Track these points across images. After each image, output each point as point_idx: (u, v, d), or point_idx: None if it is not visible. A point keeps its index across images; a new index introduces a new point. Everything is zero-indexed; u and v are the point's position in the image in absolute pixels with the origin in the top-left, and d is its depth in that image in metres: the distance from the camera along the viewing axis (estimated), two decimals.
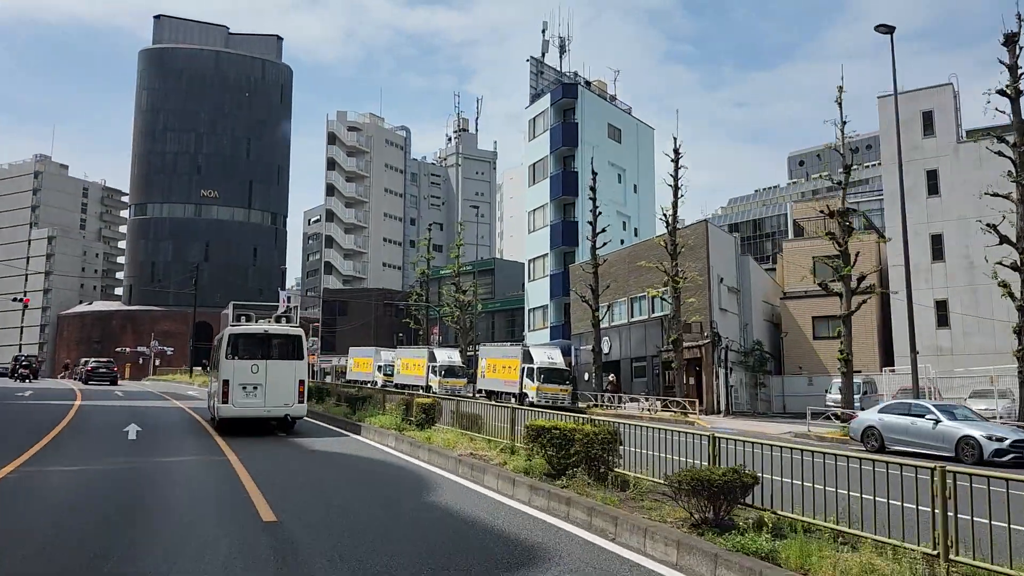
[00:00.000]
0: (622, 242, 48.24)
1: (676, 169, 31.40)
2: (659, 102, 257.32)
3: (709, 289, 33.02)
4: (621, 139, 50.06)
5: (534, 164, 49.07)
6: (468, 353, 48.61)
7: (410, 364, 48.02)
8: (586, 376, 38.40)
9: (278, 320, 20.61)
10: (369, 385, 53.95)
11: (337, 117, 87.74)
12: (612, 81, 52.58)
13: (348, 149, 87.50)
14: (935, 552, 5.97)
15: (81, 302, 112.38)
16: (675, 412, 30.56)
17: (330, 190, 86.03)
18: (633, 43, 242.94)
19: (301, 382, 18.20)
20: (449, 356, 46.09)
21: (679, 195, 31.33)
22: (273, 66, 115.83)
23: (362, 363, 55.19)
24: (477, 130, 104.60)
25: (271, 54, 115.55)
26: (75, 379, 50.39)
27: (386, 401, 19.66)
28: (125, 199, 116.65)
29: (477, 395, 41.74)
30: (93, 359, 44.80)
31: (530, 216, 49.03)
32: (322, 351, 75.41)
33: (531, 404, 35.32)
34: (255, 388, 17.70)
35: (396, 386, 49.70)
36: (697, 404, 31.12)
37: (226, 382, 17.67)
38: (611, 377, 40.34)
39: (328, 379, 77.97)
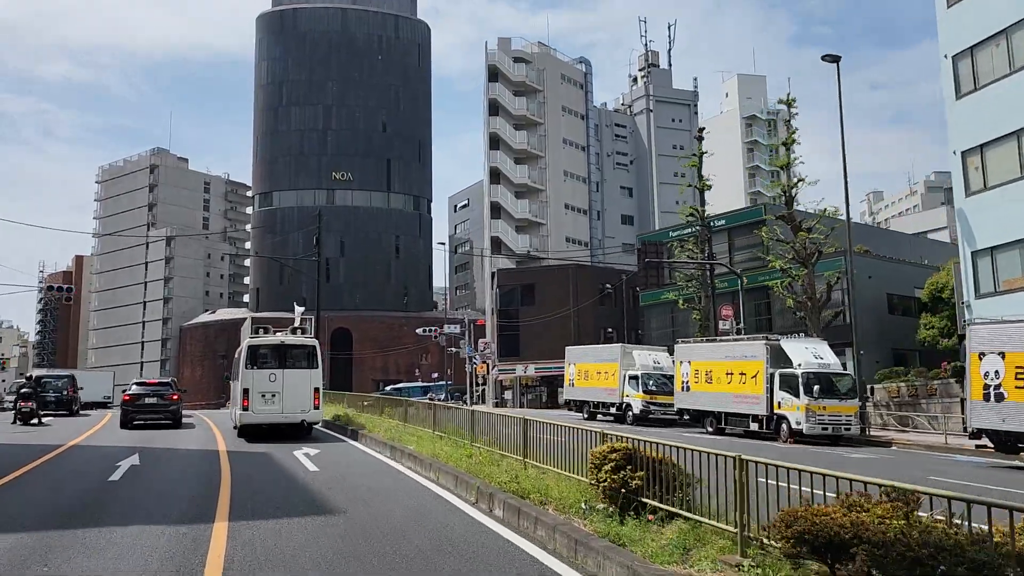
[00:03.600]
0: None
1: None
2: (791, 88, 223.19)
3: None
4: None
5: None
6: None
7: (720, 372, 24.82)
8: None
9: (294, 332, 20.41)
10: (614, 410, 31.28)
11: (499, 46, 66.12)
12: None
13: (515, 87, 65.70)
14: None
15: (206, 311, 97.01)
16: None
17: (494, 142, 64.45)
18: (763, 27, 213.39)
19: (316, 390, 18.97)
20: (815, 352, 22.70)
21: None
22: (407, 23, 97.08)
23: (594, 372, 32.50)
24: (670, 65, 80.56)
25: (404, 11, 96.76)
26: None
27: None
28: (251, 194, 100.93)
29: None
30: (136, 382, 24.45)
31: (953, 66, 24.07)
32: (500, 356, 53.60)
33: None
34: (273, 396, 18.58)
35: (690, 416, 26.68)
36: None
37: (246, 391, 18.59)
38: None
39: (507, 395, 56.04)
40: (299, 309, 23.06)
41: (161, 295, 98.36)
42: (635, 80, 79.81)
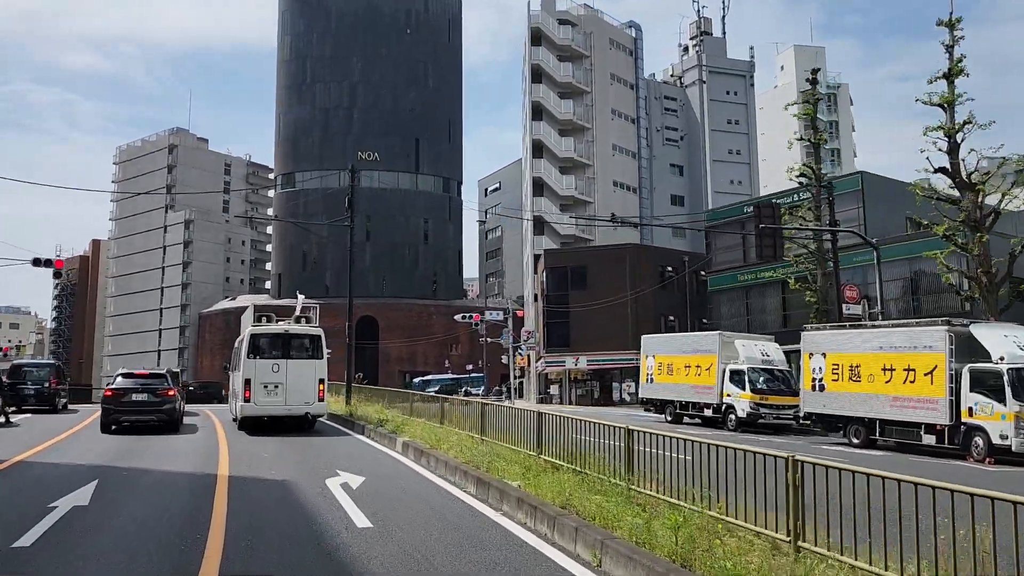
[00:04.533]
0: None
1: None
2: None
3: None
4: None
5: None
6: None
7: (873, 367, 19.33)
8: None
9: (297, 320, 19.65)
10: (709, 412, 25.79)
11: (542, 7, 60.35)
12: None
13: (559, 51, 59.95)
14: None
15: (226, 297, 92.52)
16: None
17: (537, 112, 58.77)
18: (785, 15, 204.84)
19: (321, 381, 18.53)
20: (1019, 342, 17.17)
21: None
22: None
23: (681, 366, 27.00)
24: (724, 33, 74.42)
25: None
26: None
27: None
28: (273, 176, 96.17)
29: None
30: (122, 373, 19.36)
31: None
32: (546, 347, 48.24)
33: None
34: (276, 387, 17.99)
35: (820, 422, 21.16)
36: None
37: (247, 381, 17.90)
38: None
39: (553, 390, 50.50)
40: (301, 297, 21.36)
41: (179, 281, 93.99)
42: (685, 50, 73.78)
